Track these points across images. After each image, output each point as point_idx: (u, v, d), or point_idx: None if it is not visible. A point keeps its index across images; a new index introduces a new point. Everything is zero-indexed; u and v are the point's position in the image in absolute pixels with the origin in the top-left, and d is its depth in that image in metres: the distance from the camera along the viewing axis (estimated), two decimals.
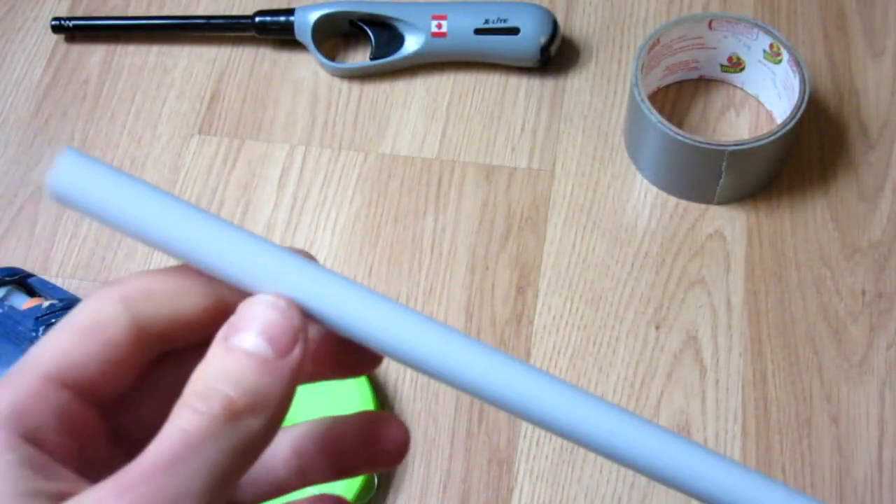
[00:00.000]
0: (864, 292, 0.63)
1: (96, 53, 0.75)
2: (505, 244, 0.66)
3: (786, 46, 0.65)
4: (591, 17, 0.75)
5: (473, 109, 0.71)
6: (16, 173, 0.70)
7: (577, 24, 0.74)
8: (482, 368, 0.27)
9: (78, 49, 0.76)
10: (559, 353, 0.62)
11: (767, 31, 0.66)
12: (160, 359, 0.28)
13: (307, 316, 0.27)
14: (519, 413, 0.27)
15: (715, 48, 0.69)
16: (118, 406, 0.28)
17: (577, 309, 0.63)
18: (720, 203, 0.66)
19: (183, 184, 0.69)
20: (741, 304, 0.63)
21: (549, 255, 0.65)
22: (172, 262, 0.28)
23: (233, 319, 0.27)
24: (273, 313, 0.27)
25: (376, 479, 0.57)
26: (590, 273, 0.65)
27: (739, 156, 0.62)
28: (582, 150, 0.69)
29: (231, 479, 0.25)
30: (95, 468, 0.26)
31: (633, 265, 0.65)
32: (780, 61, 0.66)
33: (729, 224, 0.66)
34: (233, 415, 0.25)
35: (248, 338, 0.26)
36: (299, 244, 0.66)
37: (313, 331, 0.28)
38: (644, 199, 0.67)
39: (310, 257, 0.29)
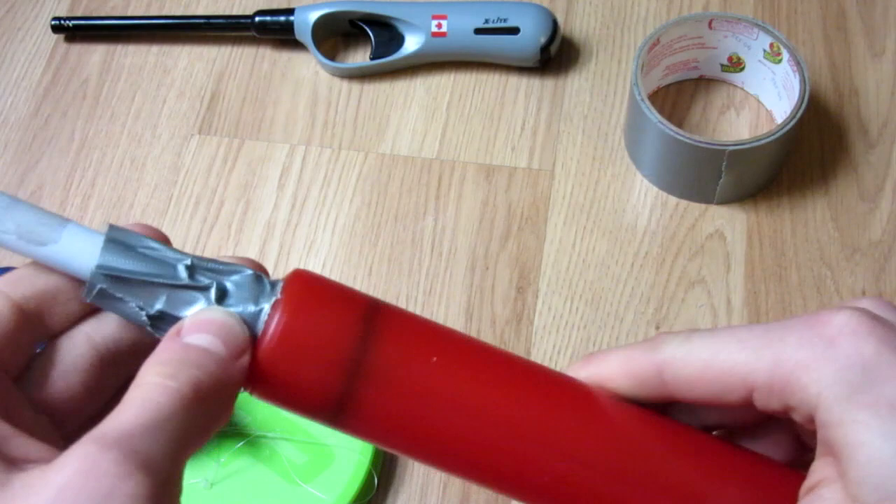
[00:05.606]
0: (864, 292, 0.63)
1: (96, 53, 0.75)
2: (505, 244, 0.66)
3: (786, 46, 0.65)
4: (591, 17, 0.75)
5: (473, 109, 0.71)
6: (16, 173, 0.70)
7: (577, 24, 0.74)
8: None
9: (78, 49, 0.76)
10: (559, 353, 0.62)
11: (767, 31, 0.66)
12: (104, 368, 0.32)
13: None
14: None
15: (715, 48, 0.69)
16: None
17: (577, 309, 0.63)
18: (720, 203, 0.66)
19: (183, 184, 0.69)
20: (741, 304, 0.63)
21: (549, 255, 0.65)
22: None
23: (187, 322, 0.31)
24: (229, 320, 0.31)
25: (376, 479, 0.57)
26: (590, 273, 0.65)
27: (739, 155, 0.62)
28: (582, 150, 0.69)
29: (191, 450, 0.28)
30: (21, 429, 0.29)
31: (633, 265, 0.65)
32: (780, 61, 0.66)
33: (729, 224, 0.66)
34: (200, 394, 0.29)
35: (205, 338, 0.30)
36: (299, 244, 0.66)
37: None
38: (644, 199, 0.67)
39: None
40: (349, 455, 0.57)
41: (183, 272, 0.31)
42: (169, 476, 0.27)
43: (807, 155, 0.68)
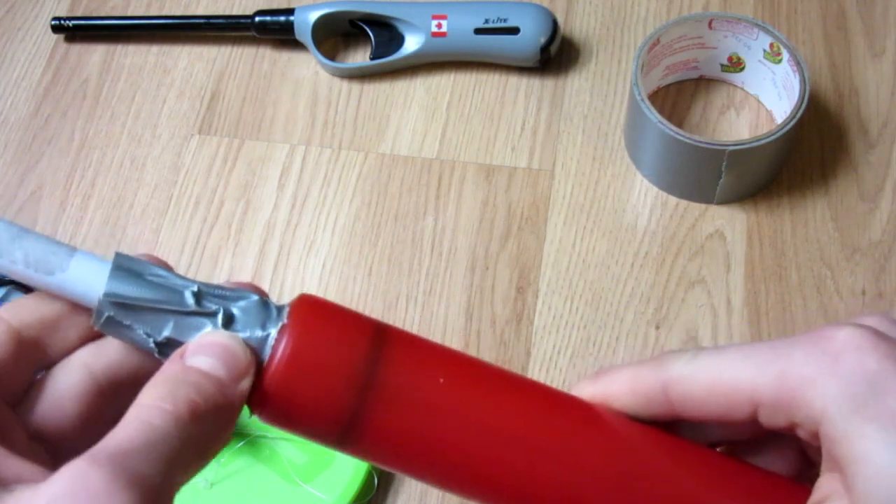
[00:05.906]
0: (864, 292, 0.63)
1: (96, 53, 0.75)
2: (505, 244, 0.66)
3: (786, 46, 0.65)
4: (591, 17, 0.75)
5: (473, 109, 0.71)
6: (16, 173, 0.70)
7: (577, 24, 0.74)
8: None
9: (78, 49, 0.76)
10: (559, 353, 0.62)
11: (767, 31, 0.66)
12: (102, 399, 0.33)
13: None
14: None
15: (715, 48, 0.69)
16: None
17: (577, 309, 0.63)
18: (720, 203, 0.66)
19: (183, 184, 0.69)
20: (741, 303, 0.63)
21: (549, 255, 0.65)
22: None
23: (190, 344, 0.31)
24: (231, 343, 0.31)
25: (376, 479, 0.57)
26: (590, 273, 0.65)
27: (739, 155, 0.62)
28: (582, 150, 0.69)
29: (188, 472, 0.29)
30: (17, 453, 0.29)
31: (633, 265, 0.65)
32: (780, 61, 0.66)
33: (729, 224, 0.66)
34: (196, 416, 0.29)
35: (206, 360, 0.30)
36: (299, 244, 0.66)
37: None
38: (644, 199, 0.67)
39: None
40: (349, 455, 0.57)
41: (190, 298, 0.31)
42: (160, 496, 0.27)
43: (807, 155, 0.68)
